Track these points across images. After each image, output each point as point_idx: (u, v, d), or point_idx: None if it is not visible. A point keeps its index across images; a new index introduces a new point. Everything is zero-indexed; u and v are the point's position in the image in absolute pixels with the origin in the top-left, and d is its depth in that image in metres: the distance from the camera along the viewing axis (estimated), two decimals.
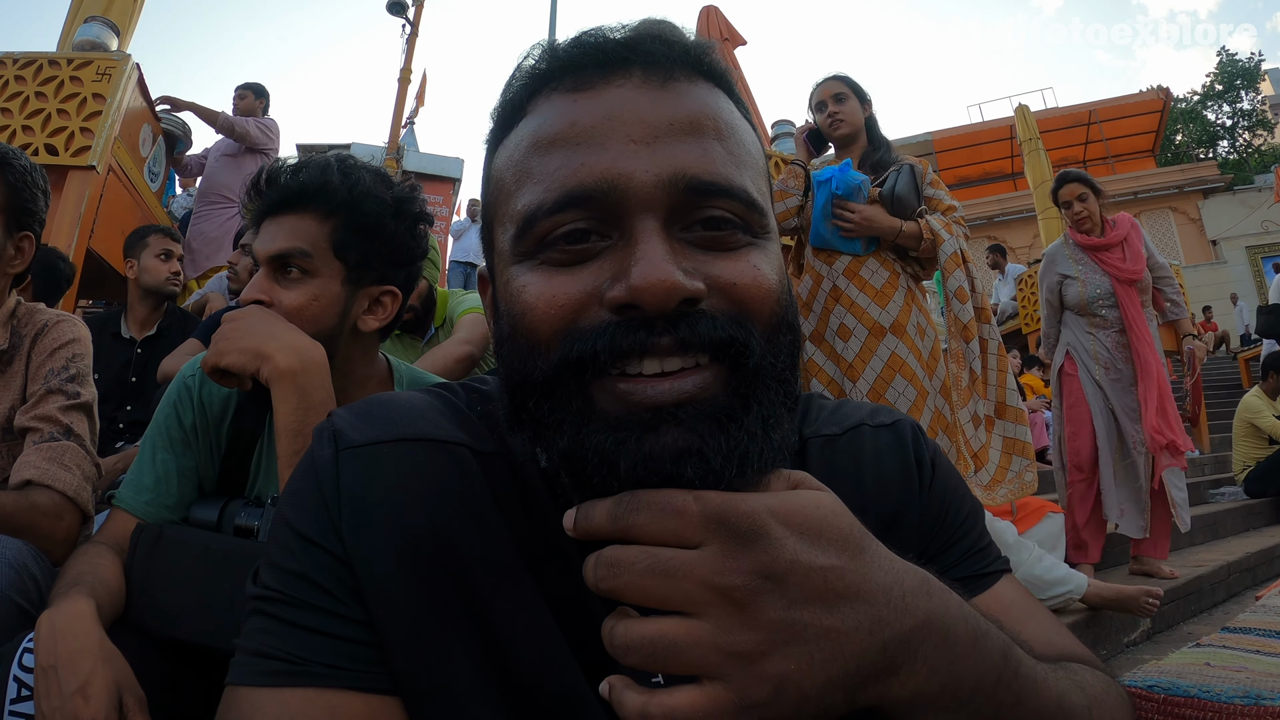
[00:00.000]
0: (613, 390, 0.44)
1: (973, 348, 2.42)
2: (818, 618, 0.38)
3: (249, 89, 4.66)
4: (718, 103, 0.50)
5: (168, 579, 0.99)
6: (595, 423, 0.44)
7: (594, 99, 0.48)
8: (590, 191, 0.45)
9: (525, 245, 0.48)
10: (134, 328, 2.83)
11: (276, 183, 1.11)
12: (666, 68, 0.49)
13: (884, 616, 0.40)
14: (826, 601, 0.39)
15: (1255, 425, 5.49)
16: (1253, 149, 24.33)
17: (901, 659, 0.40)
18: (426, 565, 0.50)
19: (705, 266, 0.46)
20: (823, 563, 0.39)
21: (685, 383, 0.44)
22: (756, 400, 0.45)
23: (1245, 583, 3.75)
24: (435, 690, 0.49)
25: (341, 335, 1.12)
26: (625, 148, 0.46)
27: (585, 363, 0.44)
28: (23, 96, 2.91)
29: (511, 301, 0.48)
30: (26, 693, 0.84)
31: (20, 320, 1.34)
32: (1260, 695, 0.57)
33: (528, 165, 0.49)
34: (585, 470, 0.44)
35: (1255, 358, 9.41)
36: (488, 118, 0.56)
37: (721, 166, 0.47)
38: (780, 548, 0.39)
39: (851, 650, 0.39)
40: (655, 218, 0.45)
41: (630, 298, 0.43)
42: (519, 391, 0.48)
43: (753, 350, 0.45)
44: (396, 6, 8.81)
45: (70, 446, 1.22)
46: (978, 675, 0.43)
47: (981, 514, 0.66)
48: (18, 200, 1.28)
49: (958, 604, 0.45)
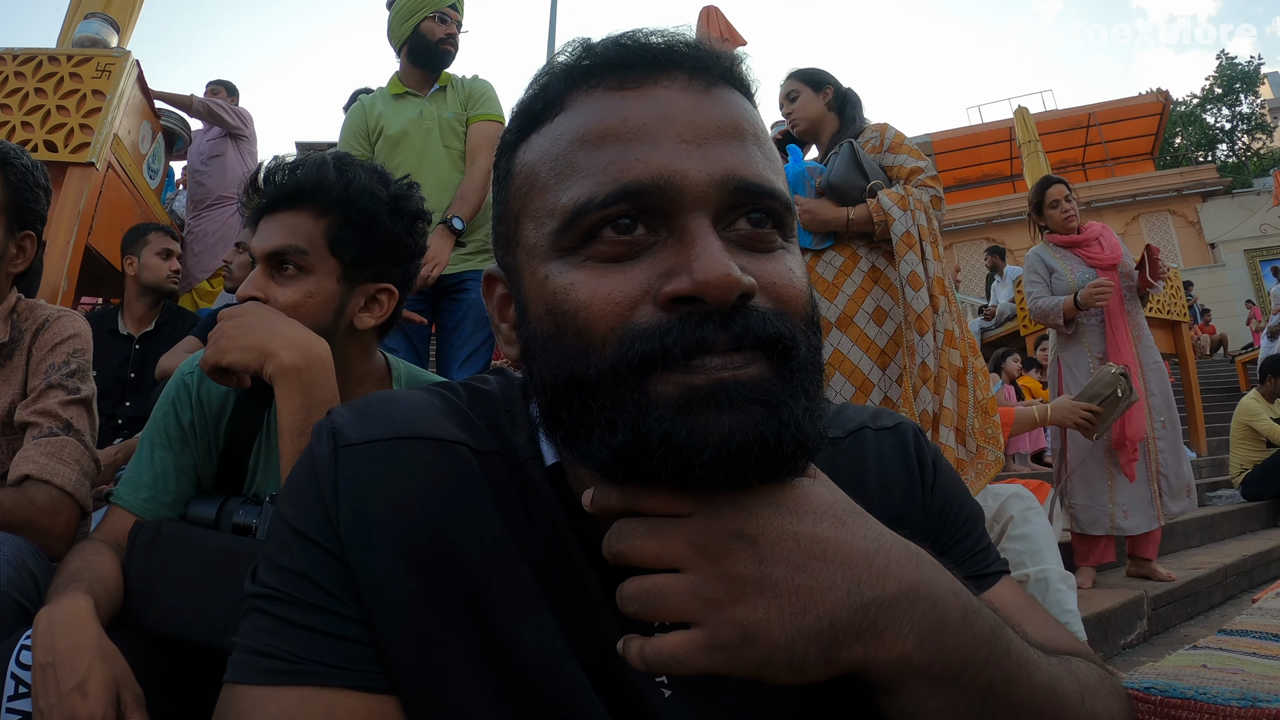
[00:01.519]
0: (672, 380, 0.44)
1: (926, 341, 2.19)
2: (789, 575, 0.43)
3: (220, 85, 4.72)
4: (751, 111, 0.52)
5: (166, 576, 0.98)
6: (654, 412, 0.44)
7: (642, 97, 0.48)
8: (646, 187, 0.46)
9: (569, 239, 0.47)
10: (131, 324, 2.84)
11: (273, 180, 1.11)
12: (709, 73, 0.50)
13: (863, 580, 0.43)
14: (798, 561, 0.43)
15: (1253, 428, 5.51)
16: (1252, 152, 24.39)
17: (884, 623, 0.43)
18: (424, 563, 0.50)
19: (749, 265, 0.47)
20: (797, 529, 0.44)
21: (742, 361, 0.45)
22: (804, 392, 0.46)
23: (1242, 585, 3.76)
24: (433, 688, 0.49)
25: (337, 333, 1.12)
26: (678, 146, 0.47)
27: (651, 360, 0.44)
28: (22, 93, 2.90)
29: (556, 300, 0.48)
30: (24, 689, 0.84)
31: (21, 315, 1.34)
32: (1257, 697, 0.57)
33: (572, 159, 0.48)
34: (646, 460, 0.44)
35: (1253, 361, 9.43)
36: (509, 115, 0.56)
37: (763, 169, 0.49)
38: (754, 514, 0.44)
39: (824, 607, 0.42)
40: (707, 215, 0.46)
41: (695, 290, 0.44)
42: (564, 390, 0.47)
43: (799, 345, 0.47)
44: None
45: (69, 442, 1.22)
46: (968, 648, 0.45)
47: (982, 515, 0.67)
48: (19, 199, 1.28)
49: (949, 579, 0.46)
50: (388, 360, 1.24)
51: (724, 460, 0.43)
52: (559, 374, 0.48)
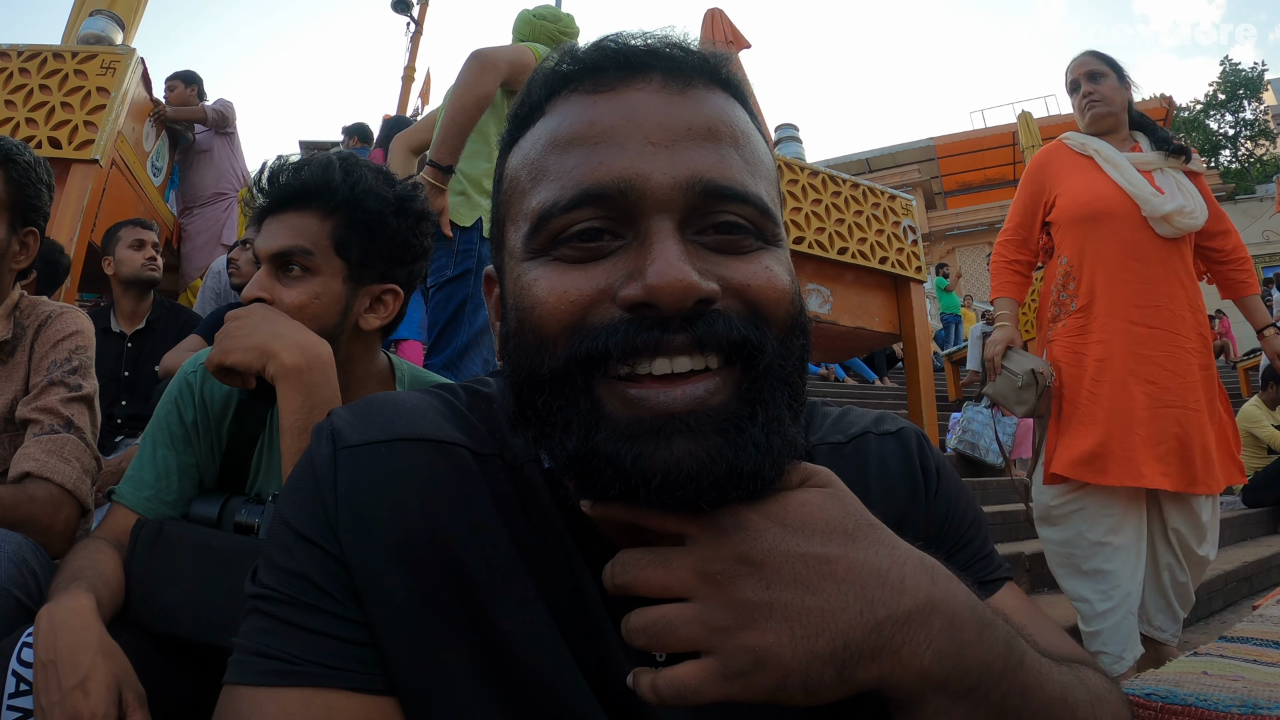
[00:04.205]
0: (622, 395, 0.44)
1: None
2: (798, 598, 0.42)
3: (178, 79, 4.31)
4: (734, 112, 0.51)
5: (167, 575, 0.99)
6: (604, 428, 0.44)
7: (613, 100, 0.48)
8: (607, 190, 0.46)
9: (538, 242, 0.48)
10: (123, 322, 2.83)
11: (278, 181, 1.11)
12: (686, 74, 0.49)
13: (876, 597, 0.42)
14: (808, 583, 0.42)
15: (1254, 435, 5.50)
16: (1255, 158, 24.37)
17: (900, 640, 0.42)
18: (423, 565, 0.50)
19: (718, 268, 0.46)
20: (804, 550, 0.43)
21: (696, 388, 0.44)
22: (763, 405, 0.45)
23: (1242, 592, 3.76)
24: (432, 690, 0.49)
25: (343, 333, 1.12)
26: (643, 149, 0.46)
27: (595, 360, 0.44)
28: (27, 89, 2.92)
29: (521, 296, 0.48)
30: (25, 687, 0.84)
31: (23, 312, 1.34)
32: (1257, 704, 0.58)
33: (544, 163, 0.49)
34: (595, 476, 0.44)
35: (1254, 367, 9.41)
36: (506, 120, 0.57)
37: (737, 173, 0.48)
38: (759, 537, 0.44)
39: (837, 628, 0.41)
40: (670, 219, 0.46)
41: (646, 296, 0.43)
42: (525, 388, 0.48)
43: (765, 352, 0.46)
44: (401, 5, 8.81)
45: (70, 439, 1.22)
46: (985, 661, 0.44)
47: (985, 522, 0.67)
48: (22, 196, 1.28)
49: (964, 592, 0.45)
50: (391, 361, 1.24)
51: (672, 488, 0.43)
52: (520, 371, 0.48)
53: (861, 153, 20.74)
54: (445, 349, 2.26)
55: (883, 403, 7.43)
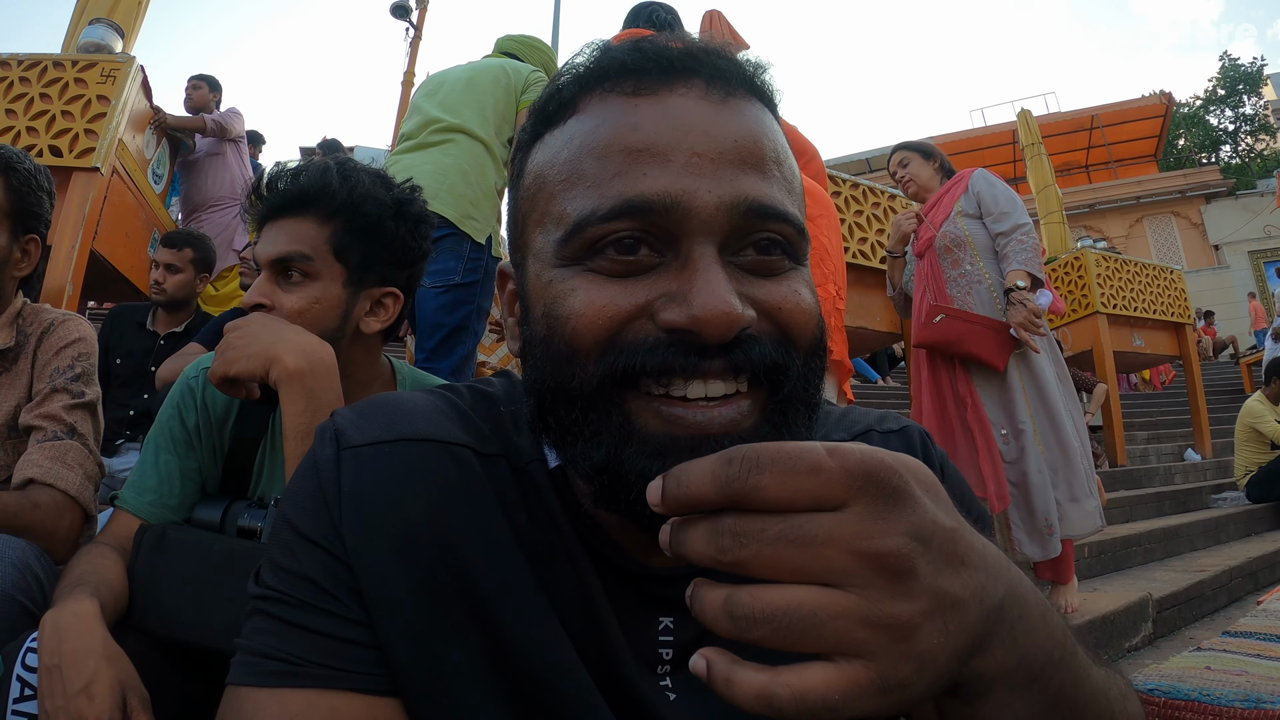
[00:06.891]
0: (657, 411, 0.44)
1: None
2: (951, 584, 0.34)
3: (203, 80, 4.56)
4: (772, 126, 0.51)
5: (171, 580, 0.99)
6: (635, 442, 0.44)
7: (655, 105, 0.47)
8: (651, 204, 0.45)
9: (571, 249, 0.47)
10: (159, 325, 2.81)
11: (276, 187, 1.11)
12: (728, 82, 0.49)
13: (986, 583, 0.36)
14: (954, 566, 0.34)
15: (1257, 430, 5.48)
16: (1255, 154, 24.30)
17: (994, 629, 0.36)
18: (427, 565, 0.50)
19: (752, 290, 0.46)
20: (949, 524, 0.35)
21: (729, 410, 0.44)
22: (788, 428, 0.46)
23: (1247, 587, 3.75)
24: (436, 691, 0.49)
25: (344, 337, 1.12)
26: (689, 162, 0.45)
27: (629, 376, 0.44)
28: (27, 98, 2.93)
29: (554, 305, 0.48)
30: (30, 692, 0.84)
31: (26, 319, 1.34)
32: (1260, 699, 0.57)
33: (579, 166, 0.48)
34: (622, 489, 0.44)
35: (1257, 363, 9.40)
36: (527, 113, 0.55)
37: (778, 191, 0.48)
38: (924, 506, 0.34)
39: (971, 620, 0.34)
40: (713, 242, 0.45)
41: (691, 325, 0.43)
42: (550, 397, 0.48)
43: (791, 376, 0.46)
44: (400, 10, 8.83)
45: (73, 445, 1.22)
46: (1047, 649, 0.39)
47: (990, 519, 0.67)
48: (23, 204, 1.29)
49: (1021, 572, 0.41)
50: (392, 364, 1.24)
51: None
52: (546, 380, 0.48)
53: (861, 152, 20.75)
54: (450, 355, 2.28)
55: (886, 403, 7.43)
